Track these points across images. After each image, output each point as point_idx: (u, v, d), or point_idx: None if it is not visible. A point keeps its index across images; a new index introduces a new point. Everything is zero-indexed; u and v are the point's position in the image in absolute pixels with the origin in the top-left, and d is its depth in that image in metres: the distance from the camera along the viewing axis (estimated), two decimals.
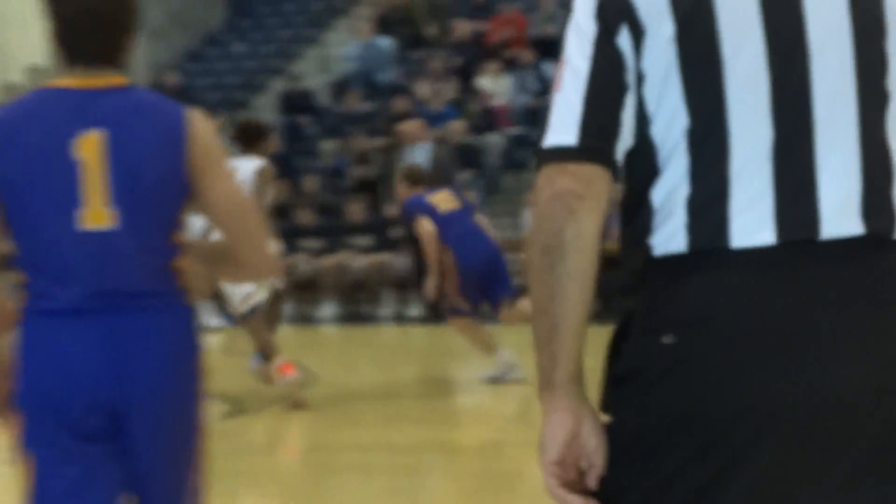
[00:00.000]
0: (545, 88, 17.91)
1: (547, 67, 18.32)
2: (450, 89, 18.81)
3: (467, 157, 17.49)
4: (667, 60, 1.99)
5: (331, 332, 15.62)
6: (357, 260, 16.04)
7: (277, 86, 21.48)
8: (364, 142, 17.82)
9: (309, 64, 22.36)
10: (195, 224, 10.23)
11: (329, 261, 15.95)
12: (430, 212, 9.87)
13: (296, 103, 20.04)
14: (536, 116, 17.95)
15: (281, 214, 14.64)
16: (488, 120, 18.31)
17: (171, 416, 3.25)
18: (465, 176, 16.81)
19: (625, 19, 2.01)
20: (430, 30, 20.83)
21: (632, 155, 2.03)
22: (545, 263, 1.97)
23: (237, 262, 3.34)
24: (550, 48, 18.57)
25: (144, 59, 20.21)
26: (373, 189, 16.93)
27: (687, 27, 1.99)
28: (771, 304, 1.95)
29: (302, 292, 15.78)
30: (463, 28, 19.91)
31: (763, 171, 1.98)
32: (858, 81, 2.02)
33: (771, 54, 1.99)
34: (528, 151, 17.90)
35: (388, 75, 19.88)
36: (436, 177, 13.07)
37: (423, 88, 18.83)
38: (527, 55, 18.77)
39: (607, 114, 2.01)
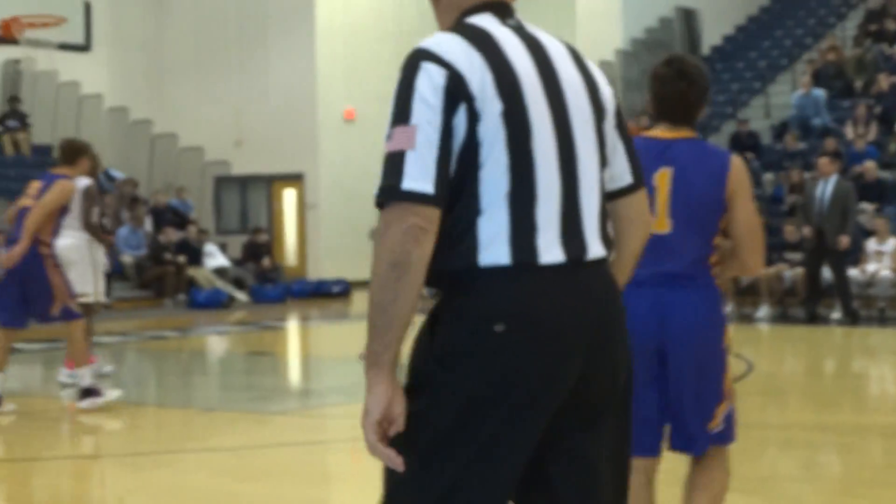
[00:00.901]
0: None
1: None
2: (872, 132, 19.83)
3: (879, 189, 18.04)
4: (496, 130, 2.39)
5: (765, 331, 15.56)
6: (790, 271, 16.37)
7: (728, 128, 22.59)
8: (798, 174, 18.45)
9: (755, 111, 23.31)
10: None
11: (768, 271, 15.85)
12: None
13: (743, 142, 20.67)
14: None
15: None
16: None
17: (698, 360, 3.71)
18: (864, 206, 17.20)
19: (464, 100, 2.38)
20: (858, 82, 21.82)
21: (458, 196, 2.39)
22: (392, 276, 2.31)
23: (741, 262, 3.79)
24: None
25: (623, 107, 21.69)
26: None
27: (510, 106, 2.40)
28: (566, 304, 2.41)
29: (742, 296, 16.62)
30: (885, 81, 20.94)
31: (554, 213, 2.43)
32: (596, 149, 2.54)
33: (555, 129, 2.45)
34: None
35: (821, 120, 20.63)
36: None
37: (849, 131, 19.95)
38: None
39: (446, 172, 2.37)
